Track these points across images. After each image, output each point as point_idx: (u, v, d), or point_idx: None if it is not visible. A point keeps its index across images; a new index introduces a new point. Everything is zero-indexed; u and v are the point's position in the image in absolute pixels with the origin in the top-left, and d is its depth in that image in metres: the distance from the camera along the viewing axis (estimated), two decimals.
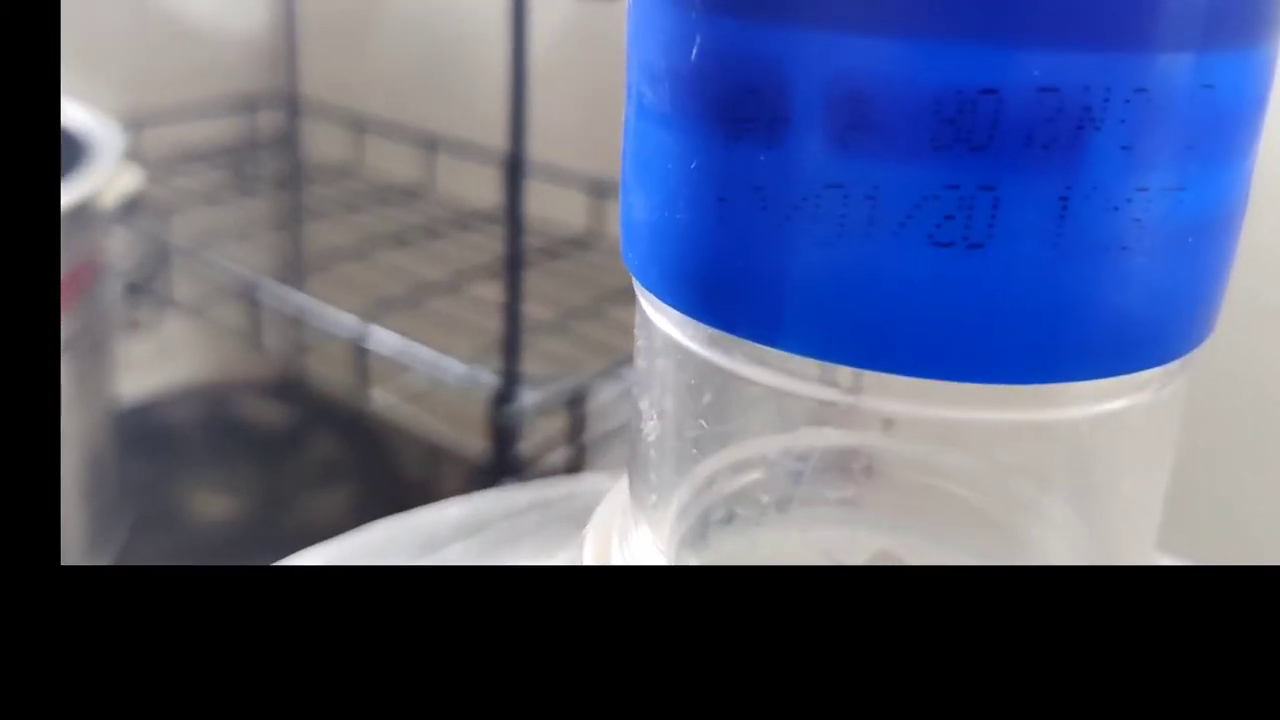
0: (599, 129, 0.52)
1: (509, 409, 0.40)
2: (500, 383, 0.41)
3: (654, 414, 0.10)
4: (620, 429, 0.44)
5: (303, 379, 0.62)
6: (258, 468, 0.57)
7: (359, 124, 0.65)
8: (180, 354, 0.63)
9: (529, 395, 0.41)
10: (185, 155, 0.63)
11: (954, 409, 0.09)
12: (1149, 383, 0.09)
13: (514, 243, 0.41)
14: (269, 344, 0.51)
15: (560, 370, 0.45)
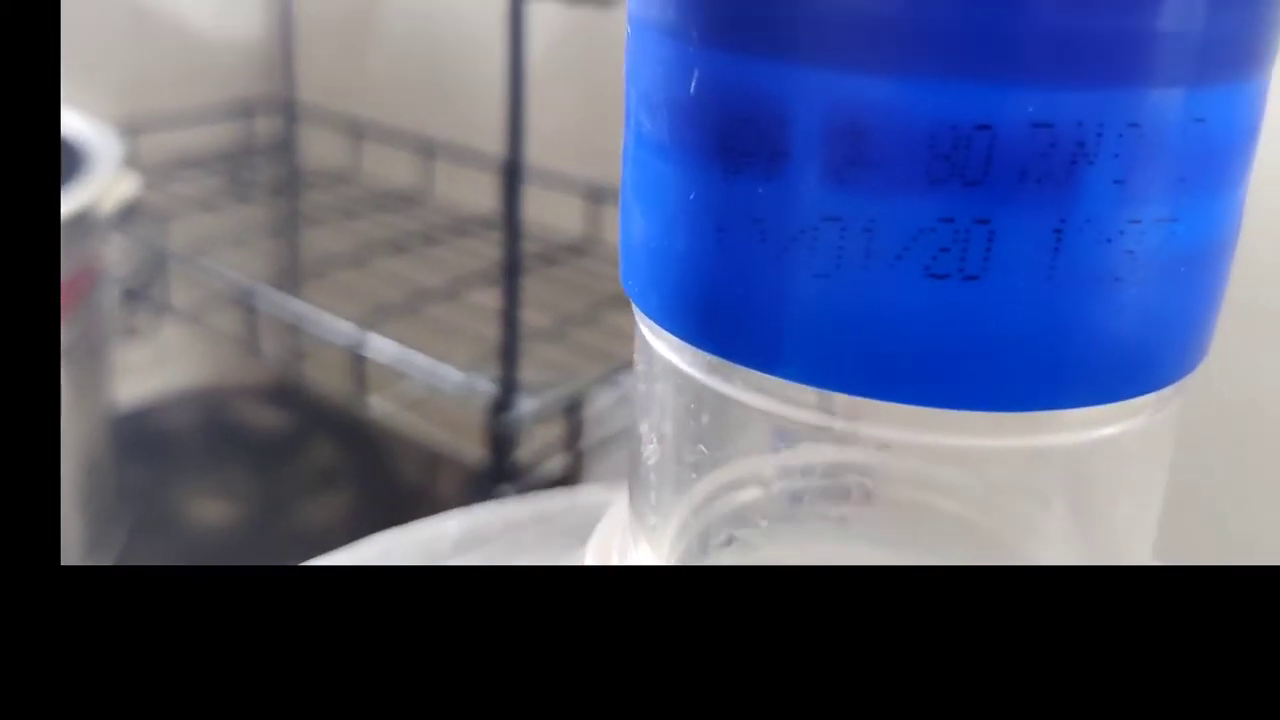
0: (596, 134, 0.53)
1: (506, 416, 0.41)
2: (498, 390, 0.41)
3: (653, 437, 0.11)
4: (617, 435, 0.44)
5: (300, 385, 0.63)
6: (255, 474, 0.57)
7: (356, 130, 0.65)
8: (177, 360, 0.63)
9: (526, 403, 0.41)
10: (182, 161, 0.63)
11: (950, 435, 0.09)
12: (1143, 408, 0.10)
13: (512, 249, 0.41)
14: (266, 351, 0.51)
15: (557, 377, 0.45)
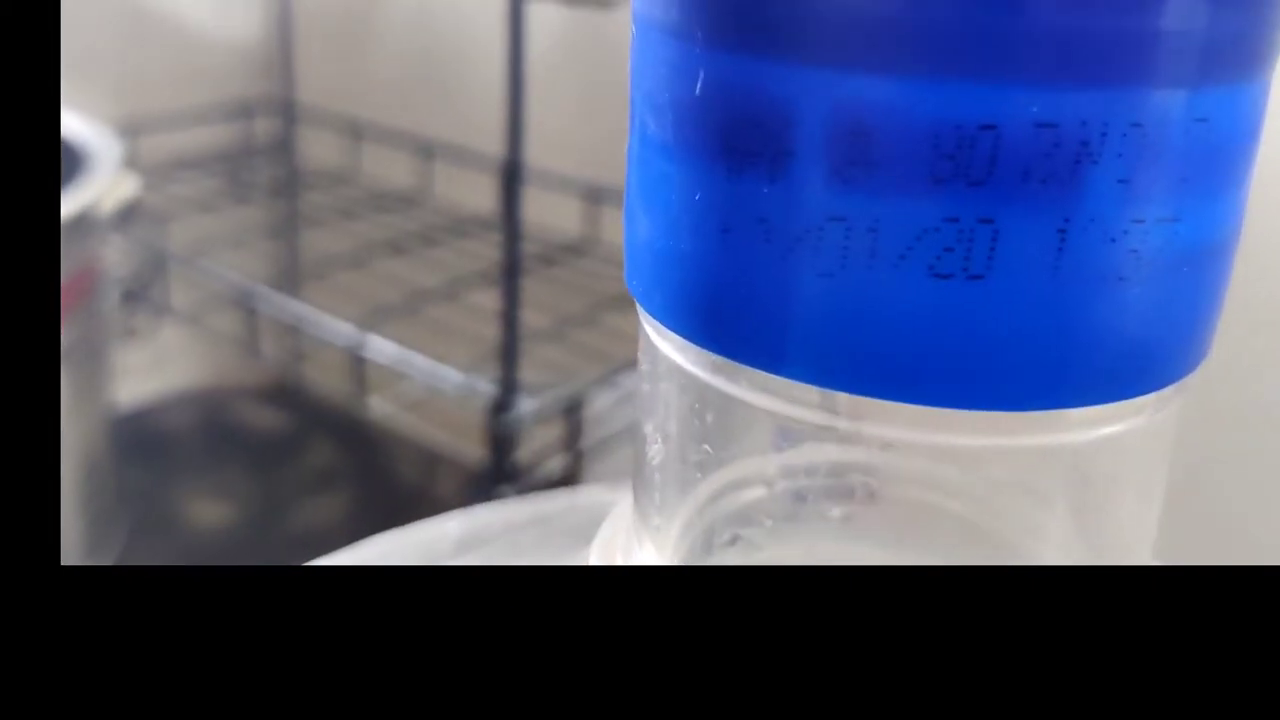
0: (595, 135, 0.53)
1: (506, 417, 0.41)
2: (497, 391, 0.41)
3: (658, 437, 0.11)
4: (617, 436, 0.44)
5: (300, 386, 0.63)
6: (255, 475, 0.57)
7: (356, 130, 0.65)
8: (176, 361, 0.63)
9: (526, 403, 0.41)
10: (181, 162, 0.63)
11: (954, 435, 0.10)
12: (1145, 407, 0.10)
13: (511, 250, 0.41)
14: (266, 352, 0.51)
15: (557, 378, 0.45)
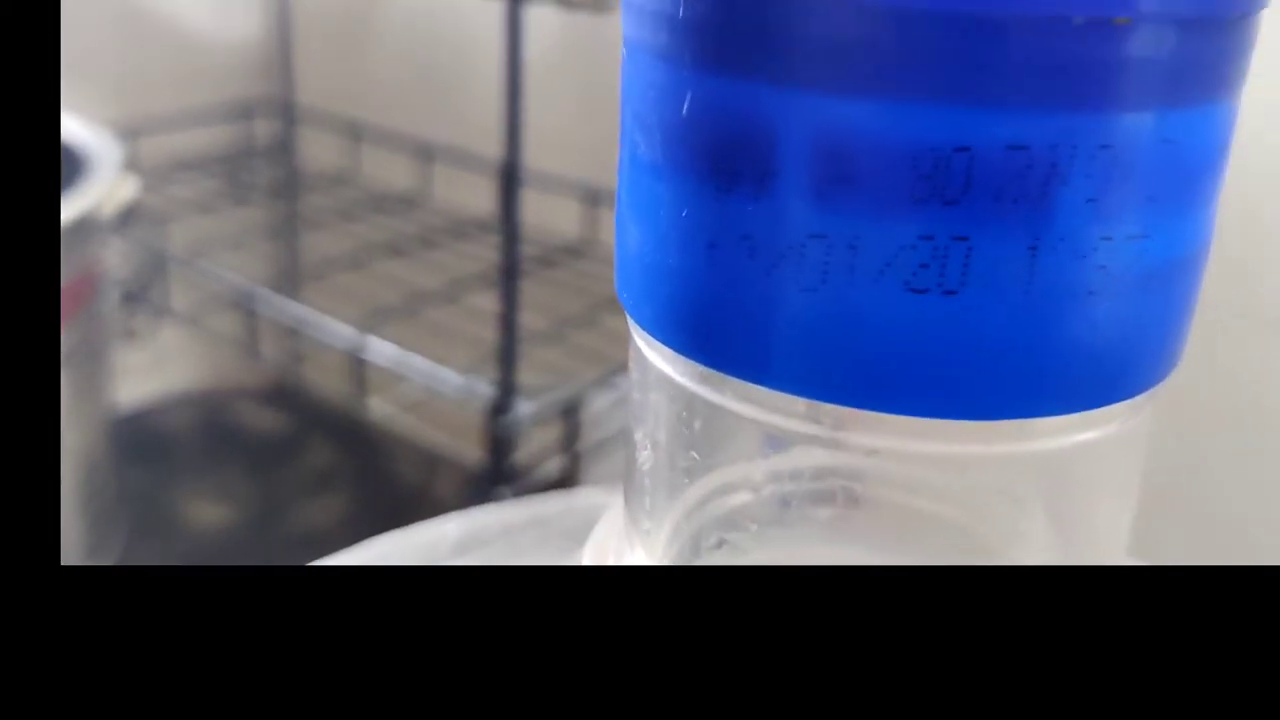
0: (593, 137, 0.53)
1: (505, 419, 0.41)
2: (496, 393, 0.41)
3: (648, 444, 0.11)
4: (614, 437, 0.45)
5: (299, 387, 0.63)
6: (254, 475, 0.57)
7: (355, 132, 0.65)
8: (176, 362, 0.63)
9: (524, 405, 0.41)
10: (180, 164, 0.64)
11: (934, 443, 0.10)
12: (1117, 415, 0.10)
13: (510, 252, 0.42)
14: (265, 353, 0.51)
15: (555, 379, 0.45)
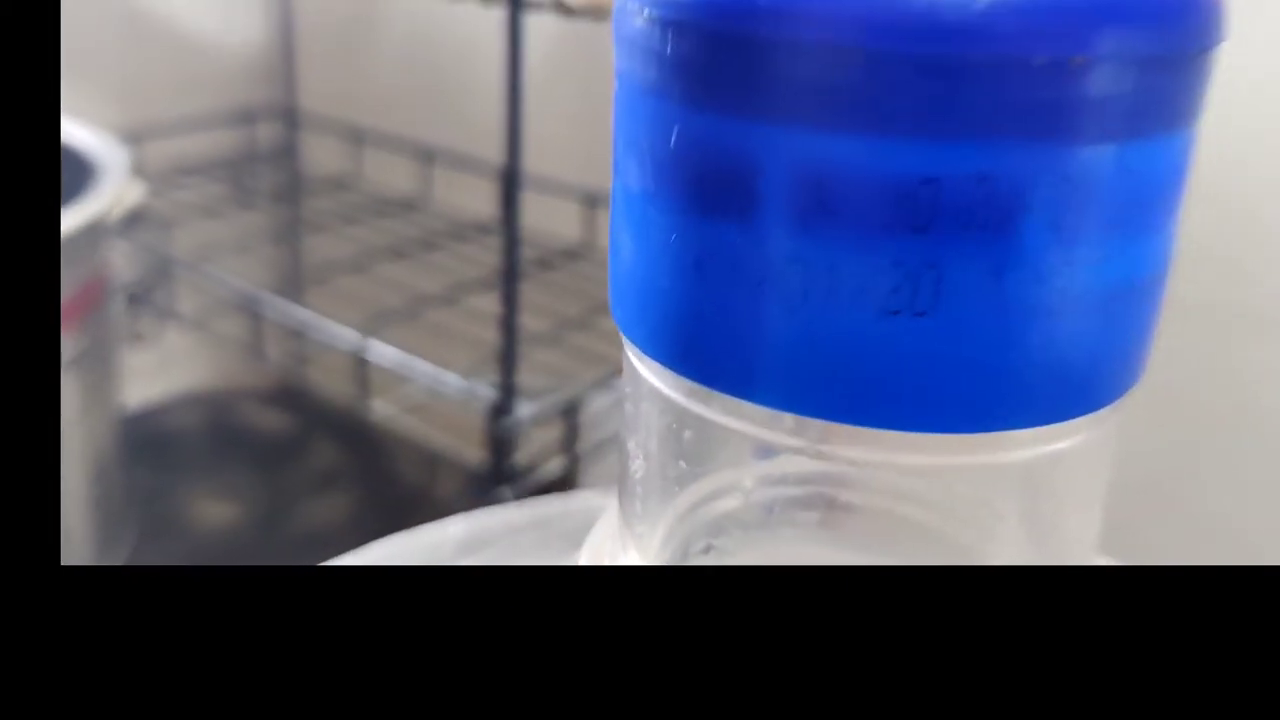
0: (592, 141, 0.53)
1: (506, 420, 0.41)
2: (497, 395, 0.42)
3: (640, 453, 0.12)
4: (613, 438, 0.45)
5: (303, 389, 0.63)
6: (259, 475, 0.58)
7: (357, 137, 0.66)
8: (183, 364, 0.64)
9: (525, 407, 0.42)
10: (184, 169, 0.64)
11: (912, 455, 0.10)
12: (1083, 427, 0.10)
13: (511, 255, 0.42)
14: (270, 356, 0.52)
15: (555, 381, 0.46)
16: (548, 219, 0.56)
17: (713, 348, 0.10)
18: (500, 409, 0.42)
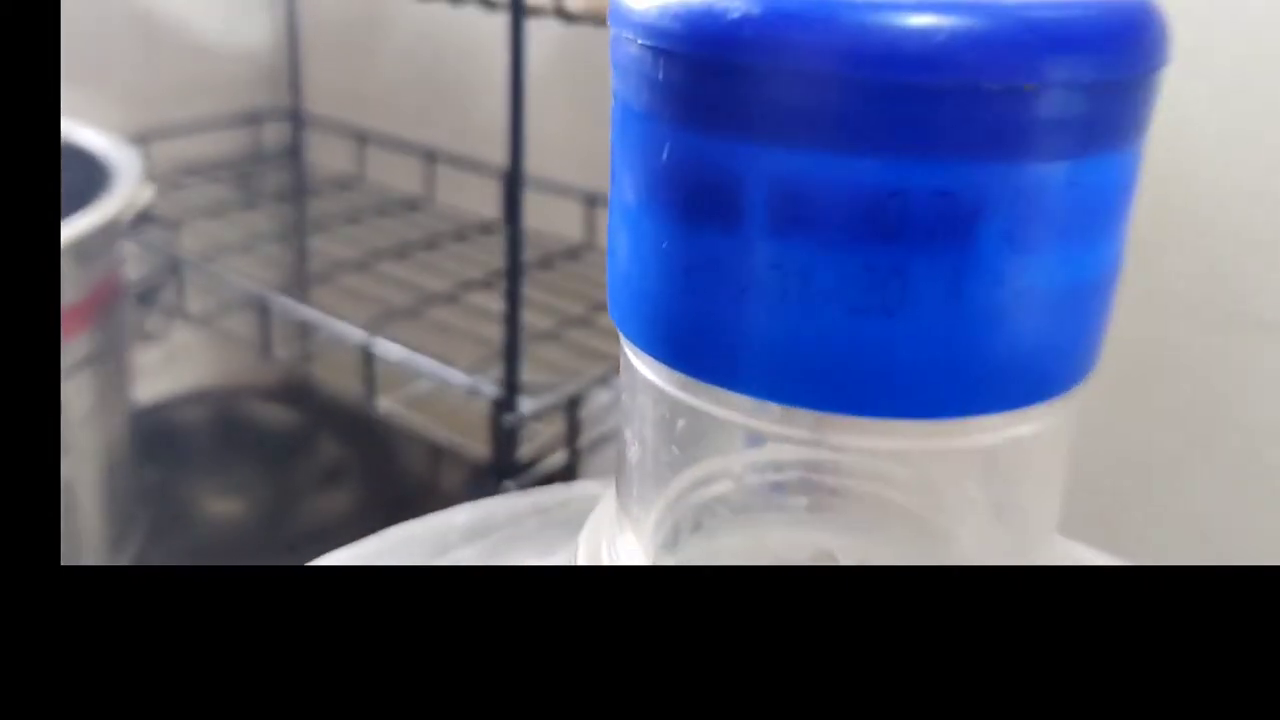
0: (593, 143, 0.54)
1: (509, 415, 0.42)
2: (500, 391, 0.43)
3: (636, 441, 0.13)
4: (613, 432, 0.46)
5: (310, 386, 0.64)
6: (267, 470, 0.59)
7: (362, 139, 0.66)
8: (191, 362, 0.65)
9: (527, 402, 0.43)
10: (191, 170, 0.65)
11: (884, 439, 0.11)
12: (1041, 414, 0.11)
13: (513, 255, 0.43)
14: (278, 354, 0.53)
15: (556, 377, 0.47)
16: (549, 219, 0.57)
17: (701, 344, 0.11)
18: (503, 404, 0.42)
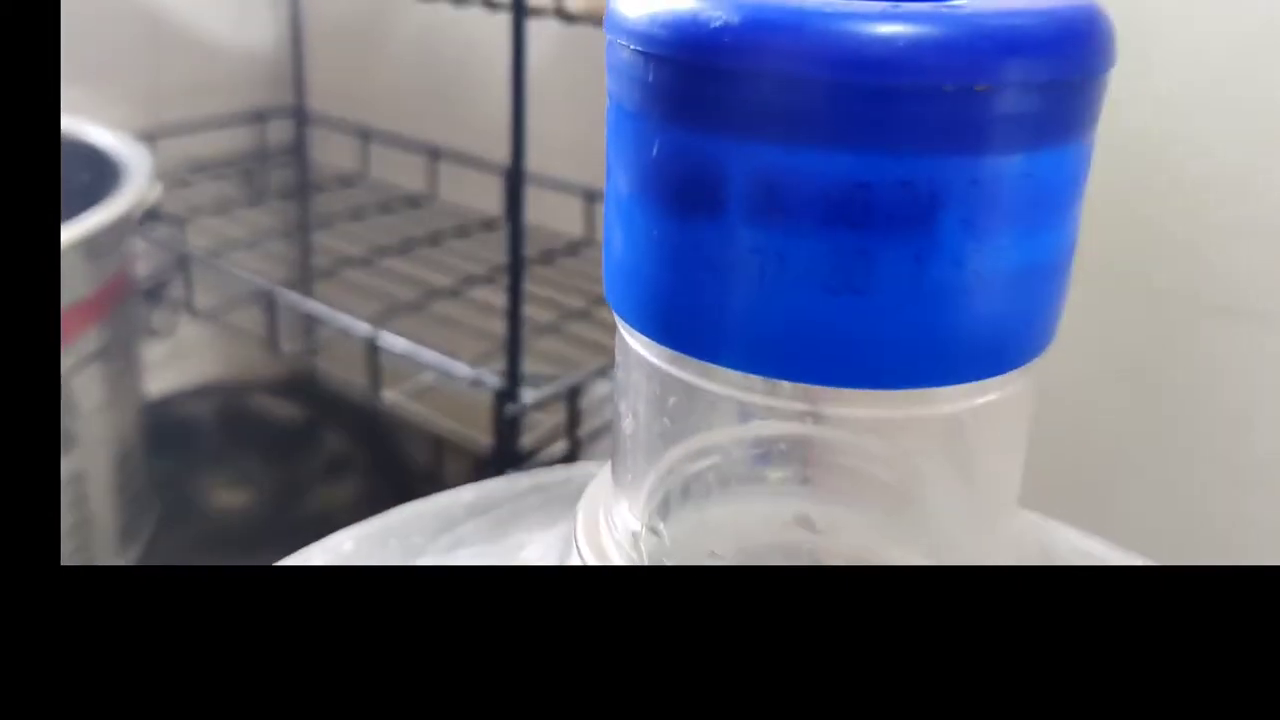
0: (593, 141, 0.55)
1: (511, 406, 0.43)
2: (503, 382, 0.44)
3: (630, 414, 0.14)
4: (612, 422, 0.47)
5: (316, 379, 0.65)
6: (274, 462, 0.60)
7: (365, 136, 0.67)
8: (198, 356, 0.66)
9: (529, 393, 0.43)
10: (197, 167, 0.65)
11: (858, 408, 0.12)
12: (1000, 385, 0.12)
13: (515, 250, 0.43)
14: (284, 348, 0.53)
15: (557, 368, 0.48)
16: (550, 215, 0.58)
17: (689, 322, 0.12)
18: (506, 395, 0.43)
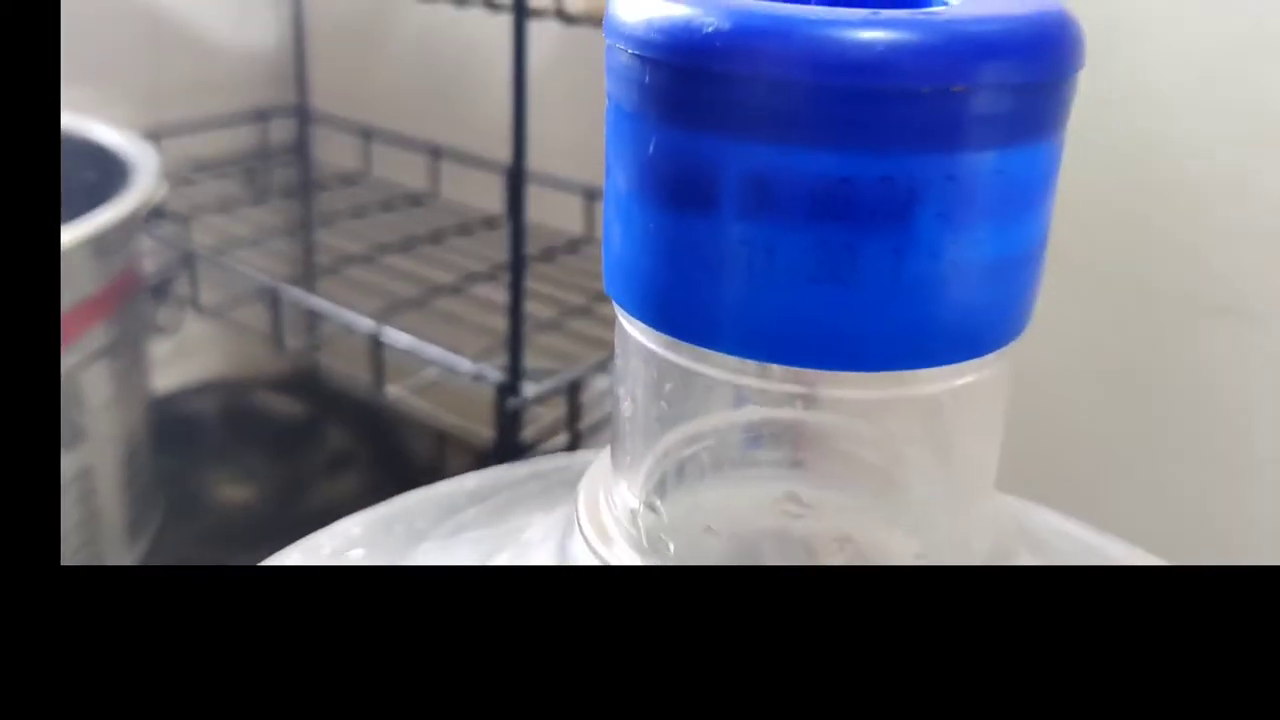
0: (593, 140, 0.55)
1: (513, 401, 0.44)
2: (504, 377, 0.44)
3: (629, 399, 0.14)
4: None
5: (319, 375, 0.66)
6: (278, 457, 0.60)
7: (367, 135, 0.67)
8: (203, 353, 0.66)
9: (530, 388, 0.44)
10: (200, 166, 0.65)
11: (844, 389, 0.13)
12: (975, 369, 0.13)
13: (516, 248, 0.43)
14: (288, 344, 0.54)
15: (558, 363, 0.48)
16: (551, 213, 0.58)
17: (684, 310, 0.12)
18: (507, 389, 0.44)
